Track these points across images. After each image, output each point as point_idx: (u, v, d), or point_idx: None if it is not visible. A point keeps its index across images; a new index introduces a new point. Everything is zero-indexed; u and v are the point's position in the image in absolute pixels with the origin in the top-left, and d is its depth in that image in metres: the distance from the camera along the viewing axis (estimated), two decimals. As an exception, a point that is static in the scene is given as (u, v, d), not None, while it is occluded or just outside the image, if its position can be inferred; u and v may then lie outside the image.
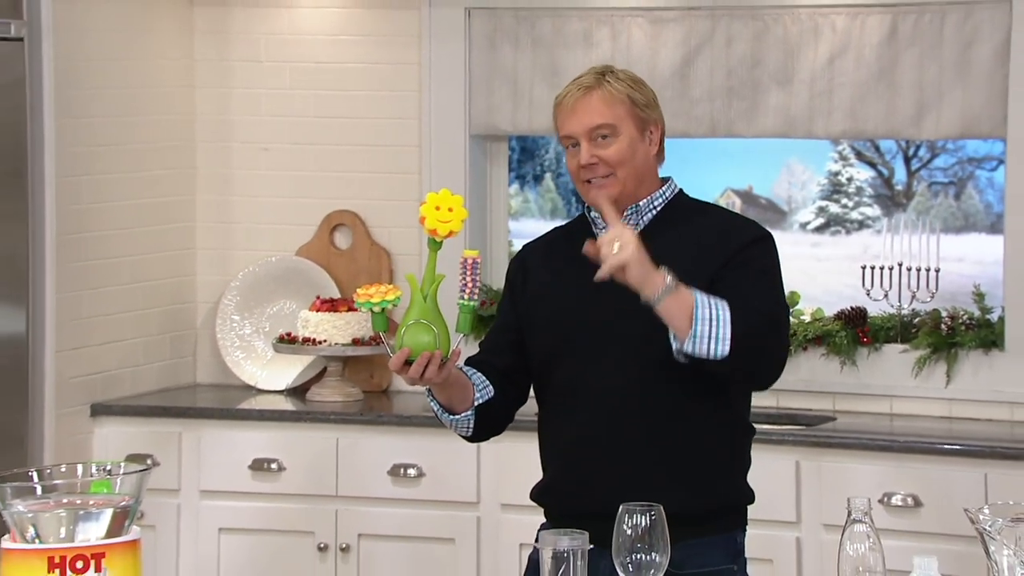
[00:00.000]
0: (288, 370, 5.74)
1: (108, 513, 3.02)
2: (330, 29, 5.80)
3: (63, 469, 3.16)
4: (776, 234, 5.80)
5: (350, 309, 5.53)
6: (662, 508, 3.14)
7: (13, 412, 5.19)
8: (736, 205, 5.74)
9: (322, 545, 5.32)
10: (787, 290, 5.44)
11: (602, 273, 3.40)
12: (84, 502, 3.04)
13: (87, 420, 5.46)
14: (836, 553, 3.10)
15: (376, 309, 3.39)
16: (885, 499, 4.84)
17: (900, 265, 5.43)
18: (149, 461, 5.25)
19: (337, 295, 5.66)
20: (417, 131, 5.74)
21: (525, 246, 3.85)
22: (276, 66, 5.84)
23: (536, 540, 3.66)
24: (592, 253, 3.42)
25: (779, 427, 5.21)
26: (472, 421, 3.62)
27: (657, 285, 3.37)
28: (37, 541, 3.00)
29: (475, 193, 5.69)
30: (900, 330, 5.42)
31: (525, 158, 5.98)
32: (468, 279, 3.39)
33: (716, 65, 5.48)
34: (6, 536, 3.00)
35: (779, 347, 3.58)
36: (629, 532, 3.10)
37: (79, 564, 2.97)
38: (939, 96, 5.30)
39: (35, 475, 3.10)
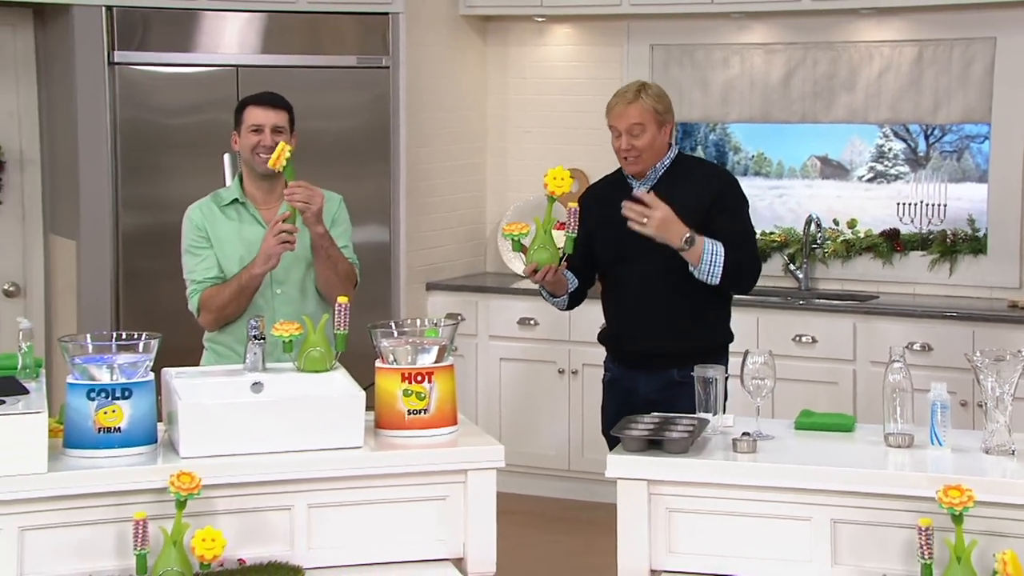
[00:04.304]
0: (541, 264, 5.70)
1: (435, 349, 3.07)
2: (566, 58, 5.71)
3: (409, 321, 3.23)
4: (840, 184, 5.64)
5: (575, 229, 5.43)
6: (770, 351, 3.05)
7: (382, 288, 5.25)
8: (817, 166, 5.55)
9: (561, 370, 5.30)
10: (849, 217, 5.33)
11: (643, 231, 3.36)
12: (421, 342, 3.09)
13: (423, 293, 5.49)
14: (881, 380, 3.01)
15: (515, 239, 3.36)
16: (910, 346, 4.68)
17: (921, 202, 5.23)
18: (460, 317, 5.28)
19: (570, 220, 5.59)
20: (619, 120, 5.63)
21: (591, 186, 3.76)
22: (535, 80, 5.77)
23: (605, 368, 3.64)
24: (627, 214, 3.38)
25: (843, 301, 5.06)
26: (567, 301, 3.64)
27: (677, 241, 3.35)
28: (395, 363, 3.03)
29: (654, 158, 5.58)
30: (921, 242, 5.21)
31: (686, 136, 5.83)
32: (572, 219, 3.34)
33: (806, 77, 5.29)
34: (378, 360, 3.05)
35: (753, 270, 3.49)
36: (751, 366, 3.04)
37: (419, 378, 3.02)
38: (948, 96, 5.09)
39: (393, 325, 3.16)
